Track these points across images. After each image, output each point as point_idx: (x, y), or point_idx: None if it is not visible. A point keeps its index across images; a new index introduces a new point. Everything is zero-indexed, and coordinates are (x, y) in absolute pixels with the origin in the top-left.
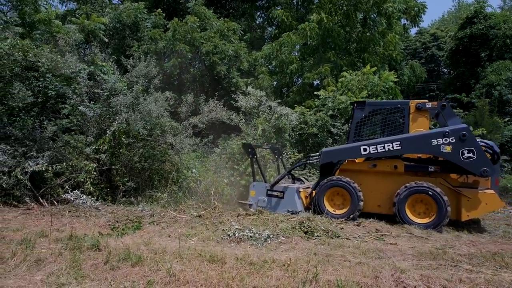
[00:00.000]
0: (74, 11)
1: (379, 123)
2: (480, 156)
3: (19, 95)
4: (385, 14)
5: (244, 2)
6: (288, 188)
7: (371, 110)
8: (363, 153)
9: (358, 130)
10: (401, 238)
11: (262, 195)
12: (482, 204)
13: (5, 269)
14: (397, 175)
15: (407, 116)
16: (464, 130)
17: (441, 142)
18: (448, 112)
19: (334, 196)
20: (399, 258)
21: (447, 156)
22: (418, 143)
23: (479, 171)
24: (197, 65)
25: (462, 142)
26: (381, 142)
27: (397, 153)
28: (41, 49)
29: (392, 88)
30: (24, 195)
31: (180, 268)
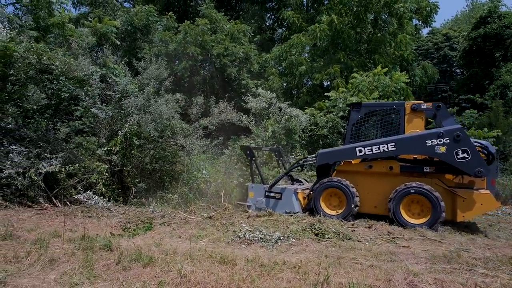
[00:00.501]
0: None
1: (375, 124)
2: (475, 157)
3: (33, 97)
4: (396, 14)
5: (254, 4)
6: (285, 190)
7: (367, 112)
8: (358, 155)
9: (354, 132)
10: (414, 241)
11: (261, 196)
12: (477, 205)
13: (19, 268)
14: (393, 176)
15: (402, 117)
16: (458, 130)
17: (435, 142)
18: (443, 113)
19: (331, 197)
20: (412, 261)
21: (442, 157)
22: (413, 144)
23: (473, 171)
24: (208, 67)
25: (456, 142)
26: (376, 143)
27: (392, 154)
28: (55, 52)
29: (404, 89)
30: (38, 196)
31: (191, 269)
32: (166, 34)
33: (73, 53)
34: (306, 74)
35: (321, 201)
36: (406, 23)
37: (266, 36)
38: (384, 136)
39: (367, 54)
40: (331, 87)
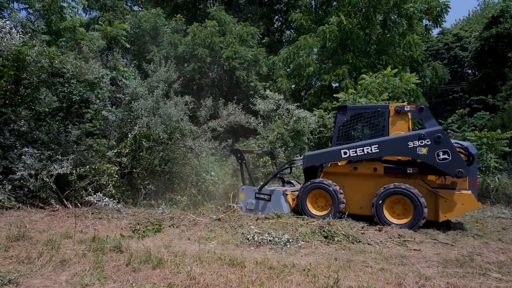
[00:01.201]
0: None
1: (360, 126)
2: (455, 158)
3: (45, 100)
4: (406, 15)
5: (262, 6)
6: (274, 191)
7: (353, 114)
8: (343, 157)
9: (340, 134)
10: (425, 244)
11: (251, 198)
12: (458, 205)
13: (32, 269)
14: (377, 177)
15: (387, 120)
16: (439, 132)
17: (417, 144)
18: (426, 115)
19: (317, 198)
20: (424, 265)
21: (423, 158)
22: (396, 146)
23: (454, 172)
24: (216, 70)
25: (437, 144)
26: (361, 145)
27: (376, 156)
28: (66, 56)
29: (414, 90)
30: (50, 197)
31: (200, 271)
32: (175, 37)
33: (84, 57)
34: (314, 76)
35: (307, 202)
36: (416, 23)
37: (275, 38)
38: (370, 138)
39: (376, 55)
40: (339, 88)
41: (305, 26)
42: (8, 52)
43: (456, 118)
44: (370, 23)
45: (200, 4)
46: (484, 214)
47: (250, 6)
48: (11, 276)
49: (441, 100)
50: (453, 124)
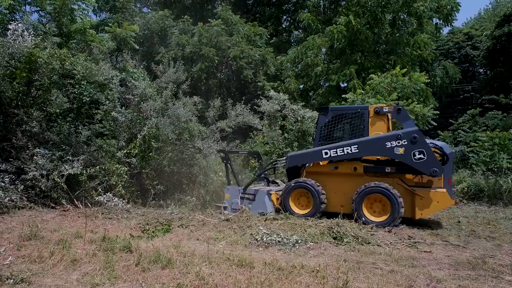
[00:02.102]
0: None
1: (341, 127)
2: (430, 157)
3: (56, 101)
4: (416, 13)
5: (271, 6)
6: (258, 191)
7: (334, 115)
8: (324, 157)
9: (322, 135)
10: (436, 246)
11: (236, 198)
12: (433, 203)
13: (43, 268)
14: (357, 176)
15: (366, 120)
16: (415, 132)
17: (394, 144)
18: (403, 116)
19: (300, 197)
20: (435, 267)
21: (400, 158)
22: (374, 146)
23: (429, 171)
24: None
25: (413, 144)
26: (341, 146)
27: (355, 155)
28: (77, 57)
29: (423, 90)
30: (61, 197)
31: (209, 271)
32: (182, 38)
33: (94, 58)
34: (322, 76)
35: (290, 201)
36: (425, 22)
37: (283, 38)
38: (350, 139)
39: (385, 55)
40: (347, 88)
41: (313, 27)
42: (20, 54)
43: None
44: (379, 23)
45: (208, 5)
46: (497, 216)
47: (258, 6)
48: (24, 275)
49: (451, 100)
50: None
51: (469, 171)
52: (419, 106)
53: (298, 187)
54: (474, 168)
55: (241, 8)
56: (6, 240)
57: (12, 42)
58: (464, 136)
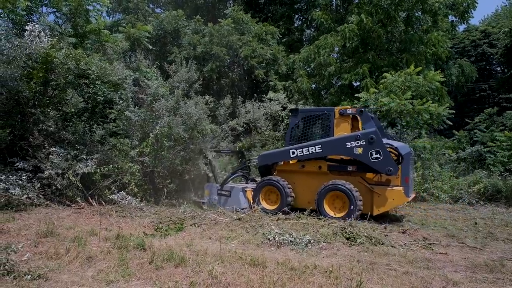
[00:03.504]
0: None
1: (310, 128)
2: (386, 157)
3: (72, 101)
4: (431, 11)
5: (283, 5)
6: (234, 188)
7: (303, 116)
8: (292, 156)
9: (292, 135)
10: (452, 248)
11: (214, 194)
12: (389, 200)
13: (60, 265)
14: (322, 175)
15: (332, 121)
16: (372, 133)
17: (354, 144)
18: (365, 117)
19: (270, 194)
20: (450, 269)
21: (359, 157)
22: (336, 146)
23: (384, 169)
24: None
25: (371, 144)
26: (307, 145)
27: (319, 155)
28: (91, 57)
29: (438, 89)
30: (76, 195)
31: (222, 270)
32: (194, 38)
33: (108, 58)
34: (335, 75)
35: (260, 198)
36: (441, 20)
37: (295, 37)
38: (318, 139)
39: (399, 53)
40: (360, 87)
41: (325, 25)
42: (37, 55)
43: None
44: (392, 21)
45: (219, 5)
46: None
47: (270, 5)
48: (41, 271)
49: (467, 99)
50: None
51: (486, 172)
52: (434, 105)
53: (267, 184)
54: (491, 168)
55: (253, 7)
56: (24, 236)
57: (29, 43)
58: (481, 135)
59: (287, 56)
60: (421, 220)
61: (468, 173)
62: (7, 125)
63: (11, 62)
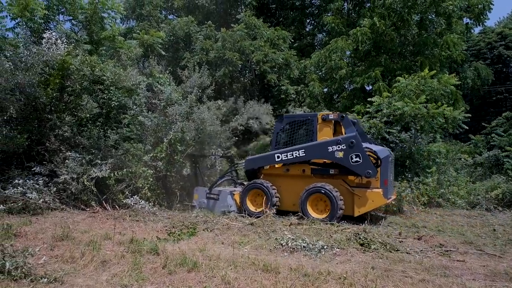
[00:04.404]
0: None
1: (294, 133)
2: (365, 160)
3: (86, 106)
4: (445, 13)
5: (294, 10)
6: (222, 192)
7: (288, 122)
8: (277, 160)
9: (278, 140)
10: (470, 255)
11: (203, 197)
12: (369, 201)
13: (75, 268)
14: (306, 178)
15: (315, 127)
16: (352, 138)
17: (335, 148)
18: (346, 122)
19: (256, 197)
20: (469, 277)
21: (340, 161)
22: (318, 150)
23: (364, 172)
24: (248, 74)
25: (351, 148)
26: (291, 150)
27: (303, 159)
28: (106, 64)
29: (453, 93)
30: (90, 200)
31: (235, 276)
32: (207, 43)
33: (122, 64)
34: (347, 78)
35: (247, 201)
36: (455, 22)
37: (307, 42)
38: (302, 143)
39: (412, 56)
40: (372, 91)
41: (336, 30)
42: (54, 62)
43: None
44: (405, 24)
45: (231, 11)
46: None
47: (281, 10)
48: (57, 275)
49: (483, 102)
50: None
51: (504, 177)
52: (449, 109)
53: (253, 188)
54: (510, 173)
55: (265, 12)
56: (41, 240)
57: (46, 50)
58: (499, 140)
59: (299, 61)
60: (437, 226)
61: (485, 178)
62: (25, 130)
63: (29, 69)
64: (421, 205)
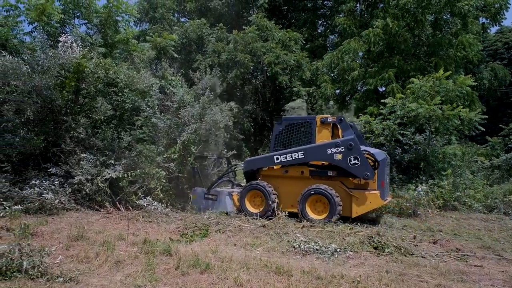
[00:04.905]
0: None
1: (293, 135)
2: (363, 163)
3: (101, 108)
4: (460, 13)
5: (306, 11)
6: (220, 192)
7: (287, 124)
8: (276, 162)
9: (277, 142)
10: (488, 260)
11: (201, 198)
12: (367, 203)
13: (90, 268)
14: (305, 179)
15: (314, 129)
16: (351, 140)
17: (334, 151)
18: (344, 125)
19: (255, 198)
20: (487, 282)
21: (339, 163)
22: (317, 152)
23: (362, 174)
24: (259, 76)
25: (350, 150)
26: (290, 152)
27: (302, 161)
28: (120, 66)
29: (469, 94)
30: (104, 201)
31: (247, 278)
32: (219, 45)
33: (135, 67)
34: (359, 80)
35: (246, 202)
36: (471, 22)
37: (318, 43)
38: (301, 145)
39: (426, 57)
40: (385, 92)
41: (348, 31)
42: (69, 65)
43: None
44: (419, 24)
45: (243, 13)
46: None
47: (293, 12)
48: (72, 274)
49: (500, 103)
50: None
51: None
52: (464, 110)
53: (252, 189)
54: None
55: (276, 14)
56: (56, 240)
57: (62, 54)
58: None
59: (311, 62)
60: (453, 230)
61: (503, 181)
62: (41, 132)
63: (46, 72)
64: (436, 208)
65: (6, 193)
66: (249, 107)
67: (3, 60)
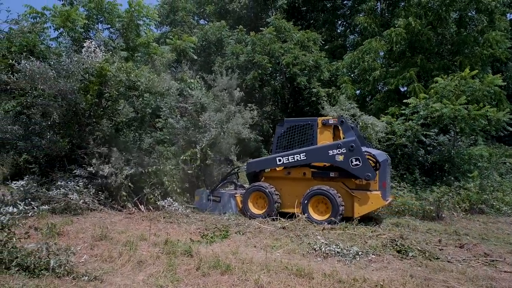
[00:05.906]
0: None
1: (295, 137)
2: (365, 164)
3: (123, 111)
4: (486, 10)
5: (325, 12)
6: (223, 194)
7: (289, 126)
8: (278, 163)
9: (279, 143)
10: None
11: (205, 199)
12: (368, 203)
13: (113, 268)
14: (307, 181)
15: (315, 131)
16: (352, 142)
17: (335, 152)
18: (346, 127)
19: (258, 199)
20: None
21: (340, 164)
22: (319, 154)
23: (363, 175)
24: (278, 78)
25: (351, 152)
26: (292, 153)
27: (304, 162)
28: (141, 69)
29: (497, 93)
30: (126, 201)
31: (268, 280)
32: (237, 47)
33: (155, 70)
34: (380, 80)
35: (249, 203)
36: (498, 18)
37: (338, 44)
38: (303, 147)
39: (450, 56)
40: (407, 92)
41: (369, 30)
42: (93, 69)
43: None
44: (443, 22)
45: (261, 14)
46: None
47: (312, 13)
48: (96, 273)
49: None
50: None
51: None
52: (492, 110)
53: (255, 190)
54: None
55: (295, 15)
56: (81, 239)
57: (86, 58)
58: None
59: (330, 63)
60: (480, 234)
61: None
62: (66, 135)
63: (70, 76)
64: (462, 212)
65: (34, 193)
66: (268, 108)
67: (31, 65)
